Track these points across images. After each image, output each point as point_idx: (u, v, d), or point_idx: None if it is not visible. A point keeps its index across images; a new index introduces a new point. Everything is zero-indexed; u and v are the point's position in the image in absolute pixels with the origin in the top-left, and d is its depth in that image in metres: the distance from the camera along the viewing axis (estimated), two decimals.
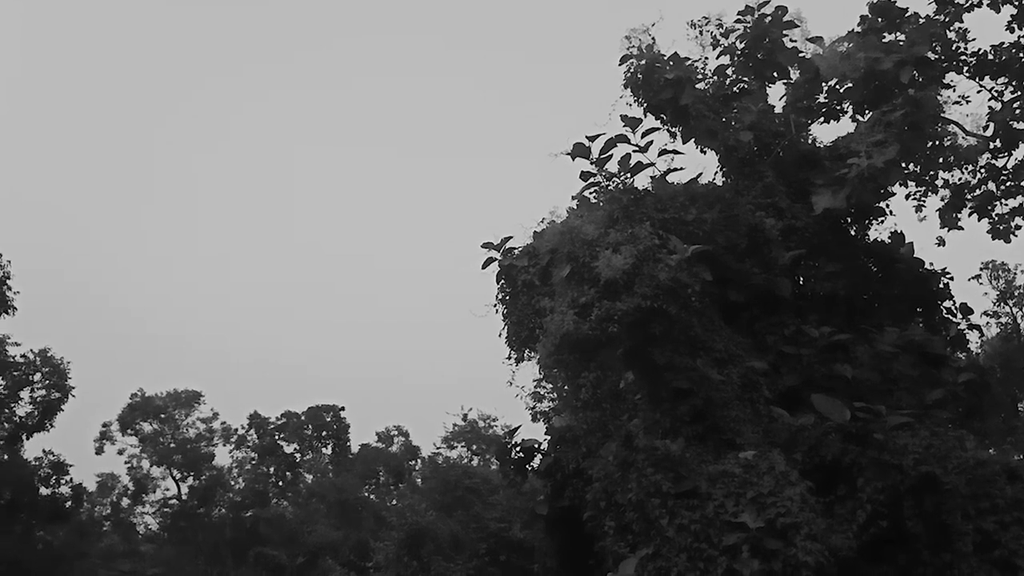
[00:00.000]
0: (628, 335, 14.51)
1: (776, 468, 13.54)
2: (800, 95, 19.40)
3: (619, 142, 17.16)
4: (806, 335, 16.43)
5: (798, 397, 15.74)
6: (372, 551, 24.71)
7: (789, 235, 17.31)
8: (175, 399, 58.40)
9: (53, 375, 40.74)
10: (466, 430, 51.22)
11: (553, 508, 18.34)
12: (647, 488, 13.92)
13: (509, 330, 17.76)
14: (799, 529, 12.83)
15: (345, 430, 63.39)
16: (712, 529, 13.18)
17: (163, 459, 56.78)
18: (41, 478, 40.31)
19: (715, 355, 15.50)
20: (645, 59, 18.01)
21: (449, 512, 26.93)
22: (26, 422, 40.14)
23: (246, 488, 58.03)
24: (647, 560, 13.48)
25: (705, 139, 18.20)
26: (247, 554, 52.00)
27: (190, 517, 56.09)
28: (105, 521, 56.43)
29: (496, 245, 18.45)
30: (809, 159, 18.22)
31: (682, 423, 15.01)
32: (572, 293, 14.82)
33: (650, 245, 14.61)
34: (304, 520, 52.81)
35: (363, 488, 57.77)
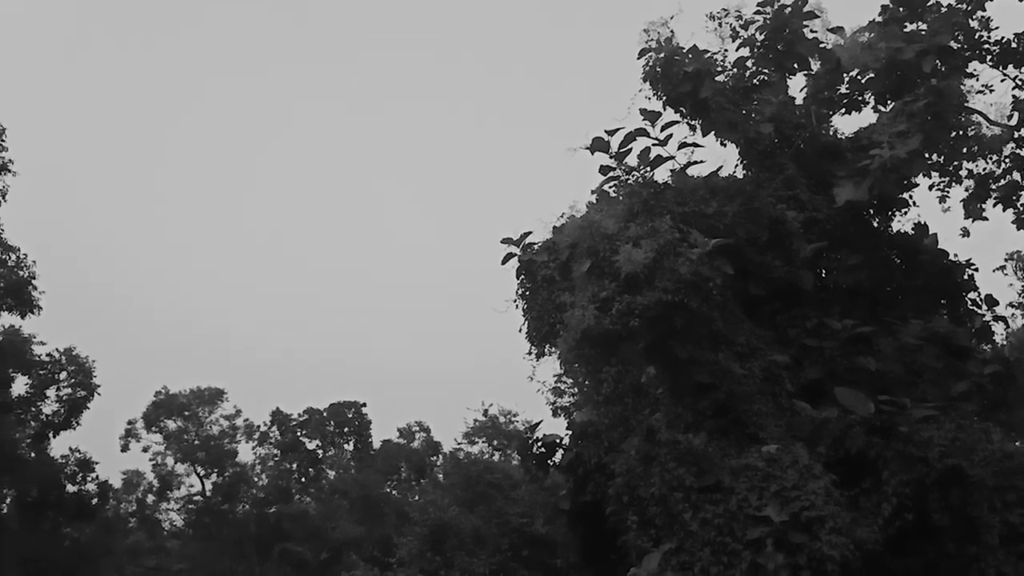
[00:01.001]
0: (649, 329, 14.47)
1: (800, 461, 13.49)
2: (821, 86, 19.23)
3: (638, 136, 17.09)
4: (829, 328, 16.31)
5: (821, 390, 15.65)
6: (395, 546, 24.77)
7: (811, 227, 17.18)
8: (198, 396, 58.93)
9: (78, 373, 41.21)
10: (487, 425, 51.27)
11: (575, 503, 18.35)
12: (670, 482, 13.92)
13: (529, 325, 17.75)
14: (824, 523, 12.78)
15: (367, 426, 63.76)
16: (736, 523, 13.15)
17: (187, 456, 57.31)
18: (67, 475, 40.76)
19: (737, 349, 15.43)
20: (664, 52, 17.91)
21: (471, 507, 26.98)
22: (52, 420, 40.63)
23: (269, 484, 58.49)
24: (670, 554, 13.48)
25: (725, 132, 18.08)
26: (271, 550, 52.45)
27: (214, 513, 56.59)
28: (131, 518, 57.05)
29: (516, 240, 18.45)
30: (831, 151, 18.06)
31: (704, 417, 14.96)
32: (592, 288, 14.80)
33: (671, 239, 14.56)
34: (327, 516, 53.17)
35: (385, 484, 58.07)
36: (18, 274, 34.91)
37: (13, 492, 39.04)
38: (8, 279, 34.58)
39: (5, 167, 33.80)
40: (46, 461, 40.09)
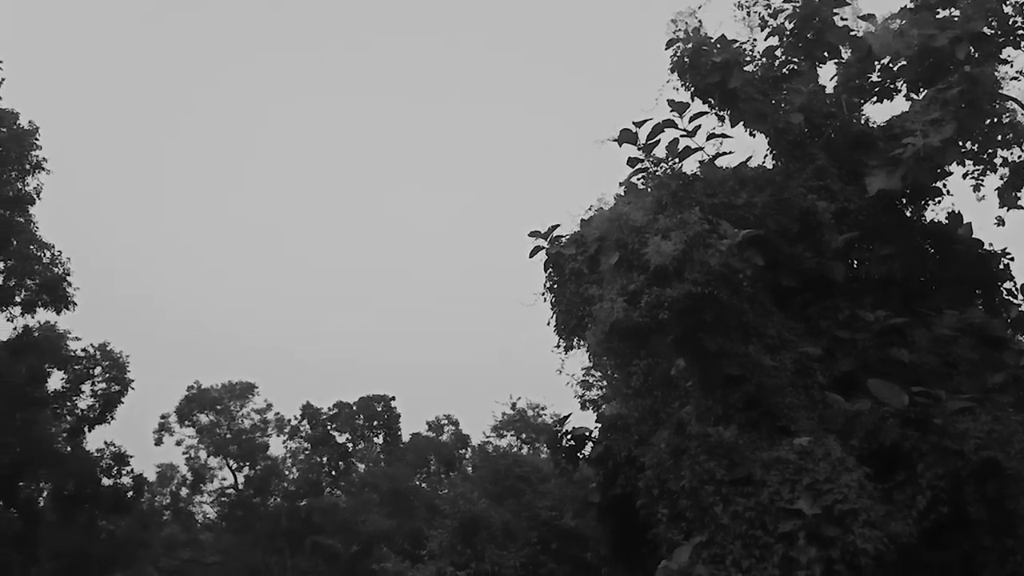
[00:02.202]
0: (679, 322, 14.39)
1: (832, 454, 13.37)
2: (852, 74, 18.97)
3: (666, 127, 17.00)
4: (861, 319, 16.14)
5: (853, 382, 15.49)
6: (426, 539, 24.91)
7: (842, 218, 16.99)
8: (230, 391, 59.62)
9: (113, 369, 41.78)
10: (515, 419, 51.35)
11: (605, 496, 18.35)
12: (700, 475, 13.88)
13: (558, 319, 17.75)
14: (857, 516, 12.67)
15: (396, 419, 64.17)
16: (767, 516, 13.08)
17: (219, 449, 58.04)
18: (103, 469, 41.36)
19: (768, 341, 15.31)
20: (692, 43, 17.77)
21: (500, 501, 27.07)
22: (88, 415, 41.24)
23: (300, 478, 59.08)
24: (701, 547, 13.45)
25: (754, 122, 17.91)
26: (303, 543, 52.98)
27: (247, 506, 57.27)
28: (165, 511, 57.93)
29: (543, 234, 18.44)
30: (862, 140, 17.84)
31: (735, 410, 14.87)
32: (621, 280, 14.75)
33: (700, 230, 14.46)
34: (357, 509, 53.58)
35: (415, 477, 58.41)
36: (53, 271, 35.44)
37: (50, 486, 39.72)
38: (43, 276, 35.12)
39: (39, 166, 34.32)
40: (82, 455, 40.72)
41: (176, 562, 56.82)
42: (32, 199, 34.52)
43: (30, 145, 34.12)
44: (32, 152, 34.17)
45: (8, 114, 33.60)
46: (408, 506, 51.14)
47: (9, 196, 33.99)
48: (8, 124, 33.63)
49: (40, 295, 35.22)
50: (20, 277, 34.88)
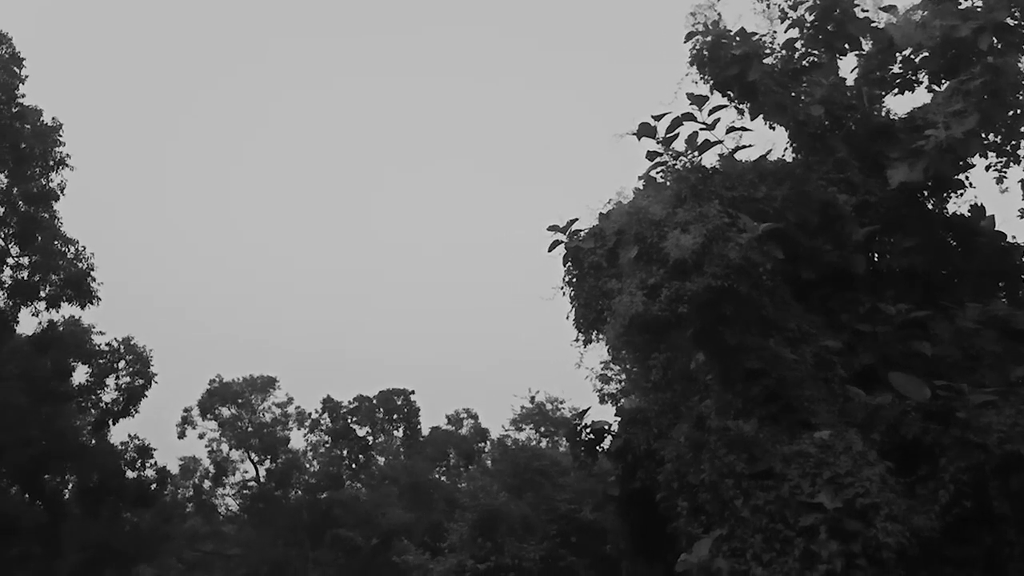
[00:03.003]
0: (698, 315, 14.38)
1: (853, 448, 13.32)
2: (873, 66, 18.82)
3: (685, 120, 16.94)
4: (882, 312, 16.05)
5: (875, 376, 15.42)
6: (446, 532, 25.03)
7: (863, 211, 16.90)
8: (251, 384, 60.05)
9: (136, 363, 42.18)
10: (534, 412, 51.40)
11: (625, 490, 18.41)
12: (720, 469, 13.87)
13: (576, 312, 17.76)
14: (879, 510, 12.62)
15: (415, 413, 64.40)
16: (788, 510, 13.05)
17: (241, 443, 58.48)
18: (127, 462, 41.79)
19: (788, 334, 15.26)
20: (711, 35, 17.69)
21: (519, 494, 27.12)
22: (112, 408, 41.67)
23: (320, 471, 59.41)
24: (721, 541, 13.46)
25: (774, 115, 17.83)
26: (323, 535, 53.30)
27: (268, 499, 57.67)
28: (188, 503, 58.40)
29: (562, 228, 18.45)
30: (883, 132, 17.71)
31: (755, 404, 14.83)
32: (640, 274, 14.74)
33: (719, 224, 14.43)
34: (377, 502, 53.82)
35: (434, 470, 58.61)
36: (77, 266, 35.80)
37: (75, 479, 40.17)
38: (68, 271, 35.49)
39: (63, 162, 34.67)
40: (106, 448, 41.14)
41: (199, 554, 57.36)
42: (56, 195, 34.88)
43: (53, 142, 34.46)
44: (55, 149, 34.52)
45: (32, 111, 33.95)
46: (428, 499, 51.33)
47: (33, 192, 34.36)
48: (32, 121, 33.98)
49: (64, 290, 35.59)
50: (45, 272, 35.26)
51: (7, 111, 33.18)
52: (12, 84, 33.11)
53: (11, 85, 33.08)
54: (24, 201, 34.49)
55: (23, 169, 33.92)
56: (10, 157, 33.58)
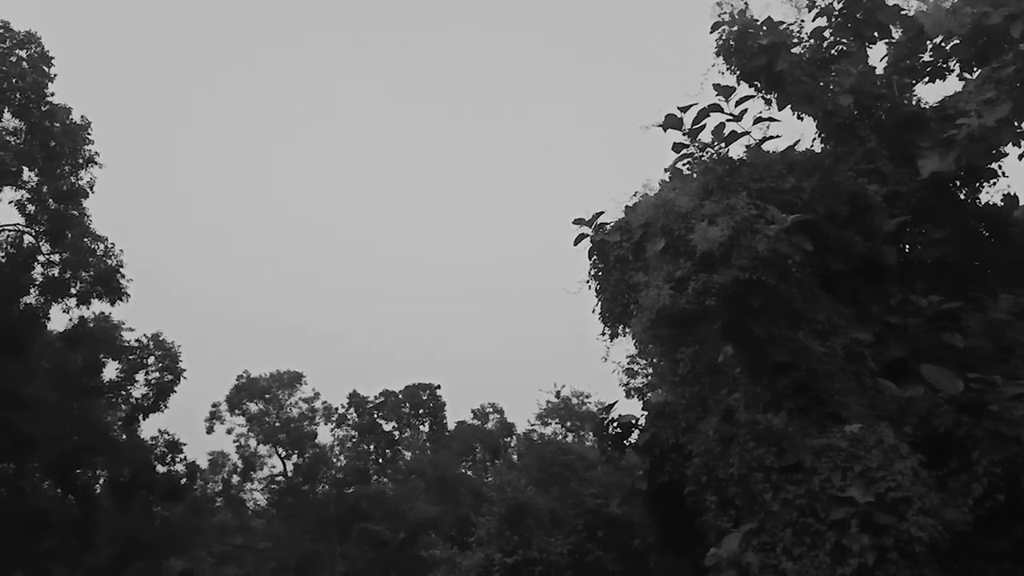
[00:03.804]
0: (726, 308, 14.27)
1: (885, 441, 13.17)
2: (903, 55, 18.56)
3: (712, 112, 16.78)
4: (913, 304, 15.85)
5: (905, 368, 15.23)
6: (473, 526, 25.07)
7: (893, 201, 16.67)
8: (278, 380, 60.56)
9: (165, 358, 42.72)
10: (559, 407, 51.46)
11: (652, 484, 18.34)
12: (749, 462, 13.77)
13: (602, 306, 17.71)
14: (911, 503, 12.47)
15: (441, 408, 64.65)
16: (818, 504, 12.93)
17: (269, 438, 59.00)
18: (157, 457, 42.34)
19: (817, 326, 15.11)
20: (737, 25, 17.50)
21: (545, 488, 27.12)
22: (142, 403, 42.24)
23: (348, 466, 59.81)
24: (751, 535, 13.36)
25: (802, 105, 17.62)
26: (351, 529, 53.69)
27: (296, 494, 58.16)
28: (217, 497, 59.07)
29: (588, 221, 18.39)
30: (914, 121, 17.46)
31: (784, 396, 14.70)
32: (667, 267, 14.65)
33: (747, 216, 14.30)
34: (404, 497, 54.12)
35: (460, 465, 58.77)
36: (106, 263, 36.20)
37: (106, 473, 40.72)
38: (98, 268, 35.90)
39: (92, 160, 35.05)
40: (137, 443, 41.70)
41: (228, 548, 57.97)
42: (86, 192, 35.28)
43: (83, 139, 34.85)
44: (85, 147, 34.90)
45: (61, 109, 34.33)
46: (454, 493, 51.49)
47: (63, 190, 34.77)
48: (61, 119, 34.37)
49: (95, 287, 36.01)
50: (75, 269, 35.69)
51: (37, 110, 33.58)
52: (42, 83, 33.50)
53: (41, 84, 33.47)
54: (54, 199, 34.91)
55: (53, 167, 34.33)
56: (40, 155, 33.99)
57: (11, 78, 32.79)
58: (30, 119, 33.59)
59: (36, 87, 33.29)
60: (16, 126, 33.77)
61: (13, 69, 32.74)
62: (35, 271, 35.17)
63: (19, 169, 34.08)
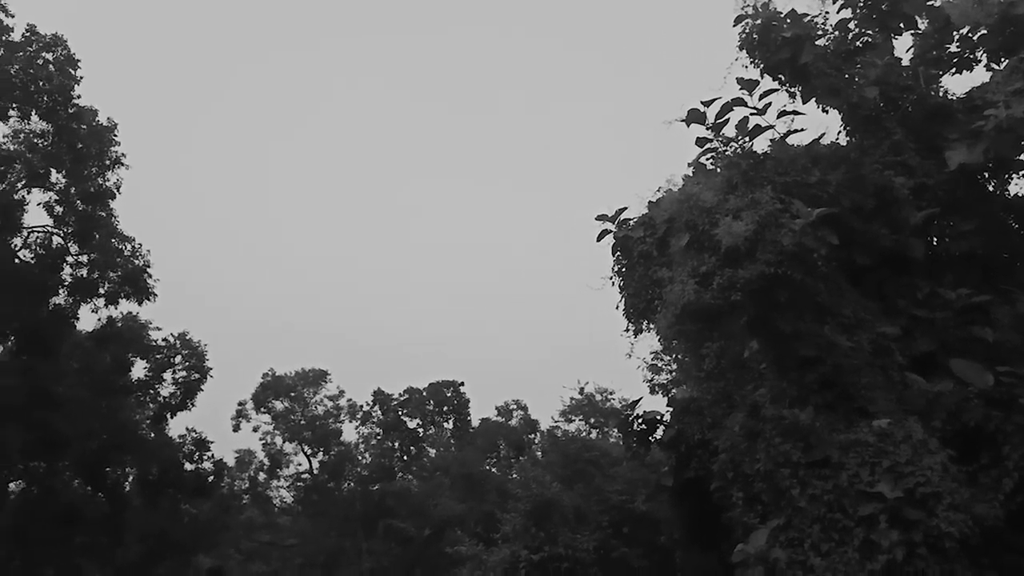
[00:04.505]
0: (751, 303, 14.21)
1: (913, 436, 13.06)
2: (929, 46, 18.36)
3: (735, 106, 16.72)
4: (941, 297, 15.70)
5: (934, 362, 15.09)
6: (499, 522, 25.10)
7: (920, 194, 16.51)
8: (303, 378, 60.92)
9: (192, 357, 43.13)
10: (583, 403, 51.38)
11: (678, 480, 18.30)
12: (776, 458, 13.71)
13: (626, 302, 17.69)
14: (941, 499, 12.37)
15: (465, 405, 64.76)
16: (846, 499, 12.86)
17: (294, 435, 59.40)
18: (185, 455, 42.74)
19: (843, 321, 15.00)
20: (761, 18, 17.41)
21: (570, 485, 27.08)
22: (169, 402, 42.67)
23: (373, 463, 60.08)
24: (778, 531, 13.30)
25: (827, 98, 17.49)
26: (376, 526, 53.93)
27: (322, 491, 58.52)
28: (244, 495, 59.53)
29: (611, 217, 18.36)
30: (941, 113, 17.28)
31: (810, 392, 14.62)
32: (692, 262, 14.61)
33: (772, 210, 14.22)
34: (429, 493, 54.26)
35: (485, 461, 58.86)
36: (134, 263, 36.56)
37: (135, 471, 41.16)
38: (125, 268, 36.27)
39: (118, 161, 35.40)
40: (165, 441, 42.11)
41: (255, 544, 58.44)
42: (112, 194, 35.63)
43: (109, 141, 35.17)
44: (111, 148, 35.24)
45: (87, 111, 34.68)
46: (479, 490, 51.57)
47: (91, 191, 35.13)
48: (88, 121, 34.71)
49: (122, 287, 36.37)
50: (103, 270, 36.07)
51: (64, 112, 33.95)
52: (68, 86, 33.86)
53: (67, 87, 33.83)
54: (82, 200, 35.29)
55: (80, 169, 34.70)
56: (68, 157, 34.38)
57: (38, 81, 33.17)
58: (57, 121, 33.97)
59: (63, 90, 33.65)
60: (44, 128, 34.17)
61: (40, 72, 33.11)
62: (64, 272, 35.58)
63: (47, 171, 34.49)
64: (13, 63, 32.61)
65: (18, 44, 32.85)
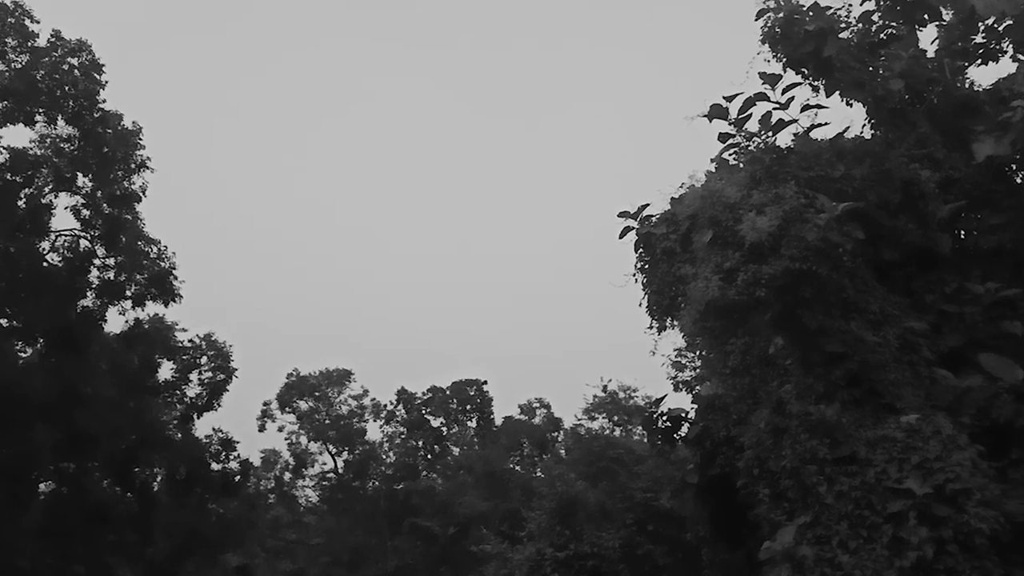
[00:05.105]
0: (776, 299, 14.13)
1: (942, 432, 12.94)
2: (954, 37, 18.17)
3: (758, 100, 16.64)
4: (969, 292, 15.54)
5: (962, 358, 14.95)
6: (524, 520, 25.14)
7: (947, 187, 16.35)
8: (327, 378, 61.22)
9: (218, 358, 43.48)
10: (606, 401, 51.21)
11: (704, 476, 18.23)
12: (802, 454, 13.63)
13: (649, 299, 17.62)
14: (970, 495, 12.25)
15: (488, 403, 64.78)
16: (874, 496, 12.76)
17: (319, 435, 59.73)
18: (212, 454, 43.08)
19: (870, 316, 14.89)
20: (783, 12, 17.30)
21: (594, 482, 27.06)
22: (196, 402, 43.03)
23: (397, 461, 60.30)
24: (805, 528, 13.22)
25: (851, 91, 17.34)
26: (401, 525, 54.13)
27: (347, 490, 58.82)
28: (270, 494, 59.95)
29: (633, 213, 18.28)
30: (967, 105, 17.10)
31: (836, 388, 14.51)
32: (716, 258, 14.54)
33: (796, 205, 14.14)
34: (453, 492, 54.38)
35: (508, 460, 58.90)
36: (160, 265, 36.87)
37: (163, 470, 41.59)
38: (151, 271, 36.60)
39: (143, 164, 35.70)
40: (192, 441, 42.48)
41: (282, 543, 58.83)
42: (138, 197, 35.89)
43: (134, 145, 35.44)
44: (136, 152, 35.55)
45: (113, 116, 34.96)
46: (503, 488, 51.62)
47: (117, 195, 35.43)
48: (113, 126, 34.99)
49: (149, 289, 36.68)
50: (130, 272, 36.38)
51: (90, 117, 34.24)
52: (93, 90, 34.14)
53: (93, 91, 34.11)
54: (108, 204, 35.59)
55: (106, 172, 35.00)
56: (94, 161, 34.68)
57: (64, 86, 33.47)
58: (83, 126, 34.28)
59: (88, 94, 33.94)
60: (70, 133, 34.48)
61: (66, 77, 33.41)
62: (91, 274, 35.90)
63: (74, 175, 34.82)
64: (39, 68, 32.92)
65: (43, 50, 33.16)
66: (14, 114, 32.87)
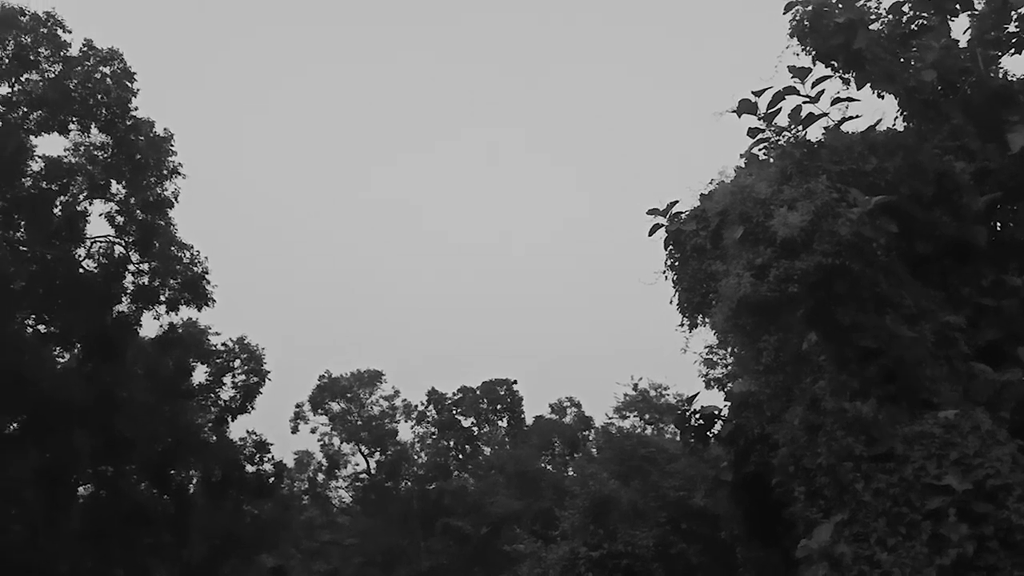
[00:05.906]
0: (809, 295, 13.99)
1: (981, 427, 12.76)
2: (987, 26, 17.87)
3: (787, 94, 16.45)
4: (1007, 285, 15.31)
5: (1001, 351, 14.73)
6: (557, 520, 25.15)
7: (982, 179, 16.09)
8: (359, 379, 61.70)
9: (251, 361, 44.02)
10: (637, 399, 51.00)
11: (738, 475, 18.13)
12: (838, 452, 13.49)
13: (680, 297, 17.50)
14: (1011, 491, 12.07)
15: (519, 403, 64.95)
16: (912, 492, 12.60)
17: (351, 436, 60.23)
18: (246, 456, 43.69)
19: (905, 311, 14.69)
20: (812, 4, 17.11)
21: (626, 481, 26.98)
22: (230, 405, 43.63)
23: (429, 462, 60.64)
24: (843, 526, 13.09)
25: (882, 83, 17.13)
26: (434, 525, 54.41)
27: (379, 490, 59.24)
28: (304, 495, 60.58)
29: (662, 211, 18.17)
30: (1001, 95, 16.82)
31: (872, 384, 14.33)
32: (747, 255, 14.42)
33: (828, 199, 13.98)
34: (485, 491, 54.56)
35: (540, 459, 58.95)
36: (193, 270, 37.36)
37: (199, 473, 42.19)
38: (184, 275, 37.09)
39: (175, 171, 36.19)
40: (226, 444, 43.09)
41: (316, 544, 59.34)
42: (171, 203, 36.43)
43: (166, 152, 35.98)
44: (168, 158, 36.05)
45: (144, 123, 35.49)
46: (535, 487, 51.68)
47: (150, 201, 35.97)
48: (145, 133, 35.53)
49: (182, 294, 37.19)
50: (164, 277, 36.93)
51: (122, 124, 34.79)
52: (125, 98, 34.68)
53: (125, 99, 34.65)
54: (142, 210, 36.16)
55: (139, 179, 35.55)
56: (127, 169, 35.25)
57: (96, 94, 34.03)
58: (116, 134, 34.83)
59: (120, 102, 34.48)
60: (103, 141, 35.06)
61: (98, 86, 33.95)
62: (126, 280, 36.50)
63: (107, 182, 35.41)
64: (72, 78, 33.49)
65: (76, 59, 33.72)
66: (48, 123, 33.49)
